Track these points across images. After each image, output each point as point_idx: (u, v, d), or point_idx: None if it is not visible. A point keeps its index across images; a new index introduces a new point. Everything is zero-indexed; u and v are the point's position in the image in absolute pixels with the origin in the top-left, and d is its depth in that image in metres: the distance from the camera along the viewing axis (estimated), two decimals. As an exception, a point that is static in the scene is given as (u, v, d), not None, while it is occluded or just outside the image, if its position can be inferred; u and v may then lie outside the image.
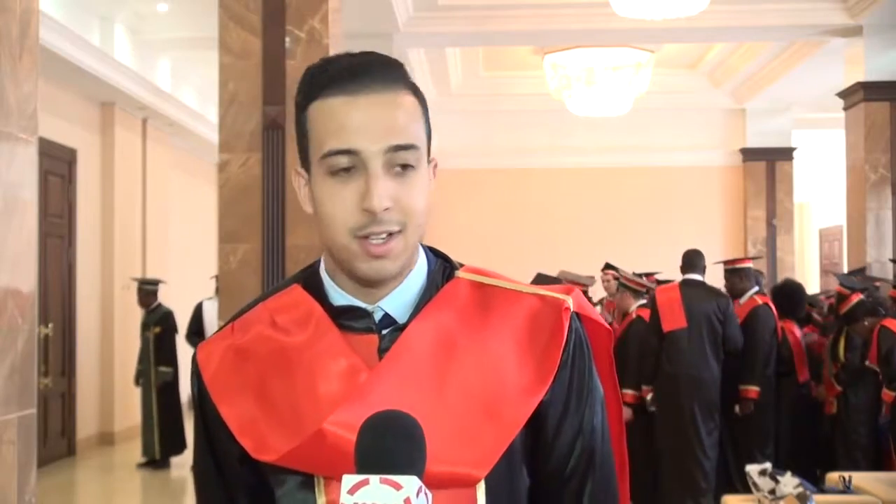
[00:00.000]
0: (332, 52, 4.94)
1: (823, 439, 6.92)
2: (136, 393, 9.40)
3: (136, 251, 10.70)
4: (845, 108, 8.91)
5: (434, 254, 1.31)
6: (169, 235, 11.64)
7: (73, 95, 9.43)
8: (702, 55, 11.69)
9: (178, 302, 10.15)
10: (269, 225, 4.82)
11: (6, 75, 2.68)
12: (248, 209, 4.84)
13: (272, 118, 4.83)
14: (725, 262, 7.24)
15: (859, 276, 7.27)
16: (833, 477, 4.91)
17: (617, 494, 1.31)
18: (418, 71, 10.64)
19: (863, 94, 8.46)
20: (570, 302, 1.25)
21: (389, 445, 1.04)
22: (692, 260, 6.67)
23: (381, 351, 1.21)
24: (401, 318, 1.23)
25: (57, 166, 9.19)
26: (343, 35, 5.28)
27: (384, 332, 1.23)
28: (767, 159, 12.79)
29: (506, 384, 1.20)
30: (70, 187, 9.49)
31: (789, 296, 7.18)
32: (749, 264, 7.27)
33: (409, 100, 1.21)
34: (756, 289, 7.13)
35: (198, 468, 1.35)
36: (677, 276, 6.93)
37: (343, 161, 1.17)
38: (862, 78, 8.52)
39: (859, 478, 4.84)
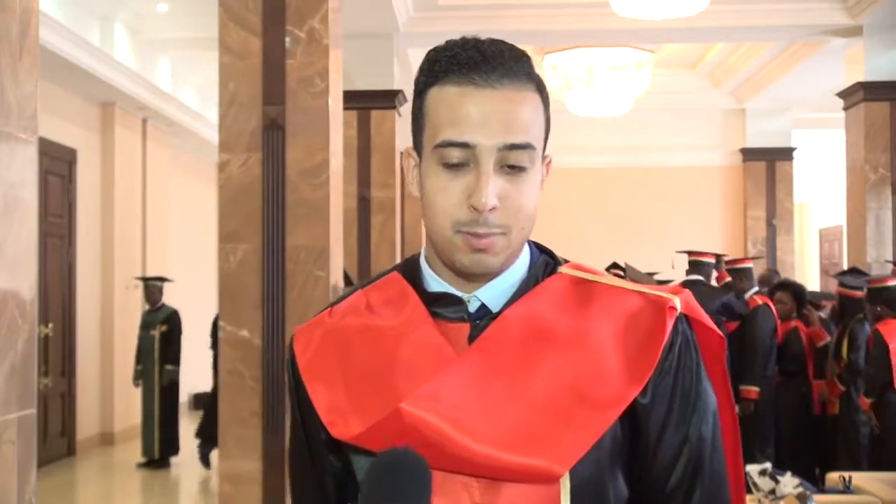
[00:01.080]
0: (332, 52, 4.94)
1: (824, 439, 6.92)
2: (137, 393, 9.40)
3: (136, 251, 10.70)
4: (845, 108, 8.90)
5: (539, 249, 1.28)
6: (169, 235, 11.64)
7: (73, 95, 9.43)
8: (702, 55, 11.69)
9: (179, 302, 10.15)
10: (269, 225, 4.82)
11: (6, 75, 2.68)
12: (248, 209, 4.84)
13: (272, 118, 4.83)
14: (726, 262, 7.25)
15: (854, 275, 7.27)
16: (833, 477, 4.91)
17: None
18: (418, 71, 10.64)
19: (863, 94, 8.46)
20: (676, 302, 1.20)
21: (399, 478, 1.04)
22: (697, 264, 6.70)
23: (472, 339, 1.19)
24: (495, 307, 1.21)
25: (57, 166, 9.19)
26: (343, 35, 5.28)
27: (477, 321, 1.20)
28: (767, 159, 12.79)
29: (596, 382, 1.15)
30: (70, 187, 9.50)
31: (801, 297, 7.24)
32: (750, 264, 7.30)
33: (531, 97, 1.17)
34: (755, 289, 7.16)
35: (292, 453, 1.33)
36: (677, 277, 6.94)
37: (456, 153, 1.14)
38: (862, 78, 8.52)
39: (859, 478, 4.84)
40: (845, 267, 8.86)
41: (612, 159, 12.85)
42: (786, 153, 12.83)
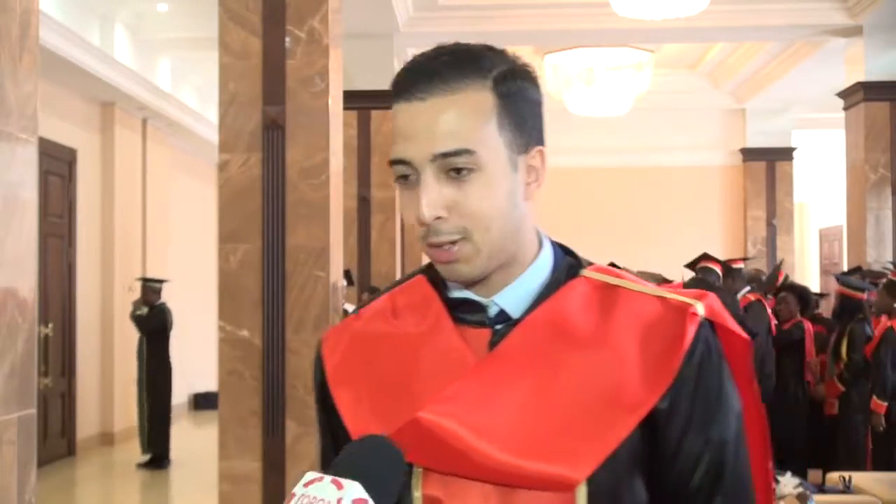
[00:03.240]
0: (332, 52, 4.94)
1: (823, 439, 6.93)
2: (136, 393, 9.41)
3: (136, 251, 10.70)
4: (845, 108, 8.91)
5: (564, 252, 1.26)
6: (169, 235, 11.64)
7: (73, 95, 9.43)
8: (702, 55, 11.69)
9: (179, 302, 10.16)
10: (269, 225, 4.82)
11: (6, 75, 2.68)
12: (248, 209, 4.84)
13: (272, 118, 4.83)
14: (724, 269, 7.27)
15: (858, 275, 7.27)
16: (833, 477, 4.91)
17: None
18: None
19: (863, 94, 8.47)
20: (698, 307, 1.18)
21: (366, 460, 1.05)
22: (704, 272, 6.74)
23: (493, 345, 1.19)
24: (515, 313, 1.20)
25: (57, 166, 9.19)
26: (343, 35, 5.28)
27: (497, 327, 1.20)
28: (767, 159, 12.79)
29: (616, 389, 1.14)
30: (70, 187, 9.49)
31: (806, 297, 7.30)
32: (741, 265, 7.35)
33: (472, 98, 1.15)
34: (748, 288, 7.22)
35: (322, 456, 1.34)
36: (677, 277, 6.95)
37: (401, 169, 1.16)
38: (862, 78, 8.52)
39: (859, 478, 4.84)
40: (845, 267, 8.87)
41: (612, 159, 12.85)
42: (786, 153, 12.84)
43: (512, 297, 1.21)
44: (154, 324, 8.98)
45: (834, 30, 8.74)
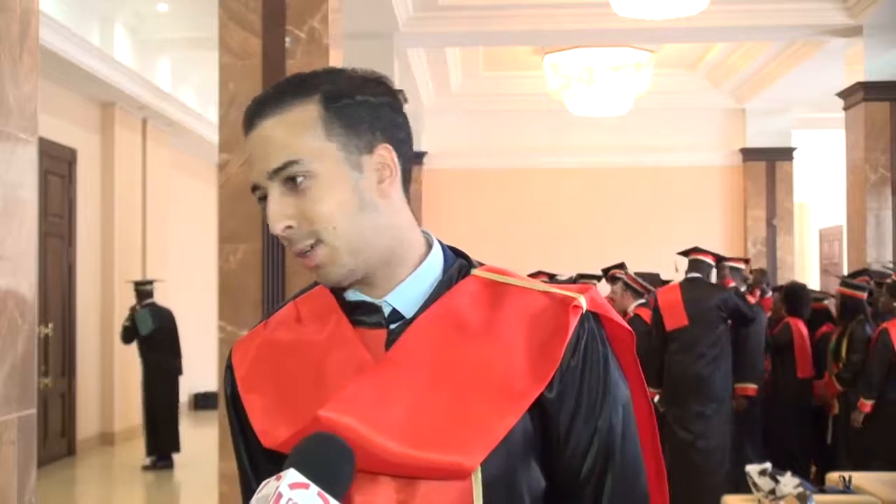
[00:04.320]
0: (332, 52, 4.94)
1: (824, 439, 6.93)
2: (137, 393, 9.40)
3: (136, 251, 10.70)
4: (845, 108, 8.91)
5: (455, 254, 1.32)
6: (169, 235, 11.64)
7: (73, 95, 9.43)
8: (702, 55, 11.69)
9: (179, 302, 10.16)
10: (268, 225, 4.82)
11: (6, 75, 2.68)
12: (248, 209, 4.84)
13: (272, 118, 4.83)
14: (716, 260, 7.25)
15: (864, 277, 7.26)
16: (833, 477, 4.91)
17: (645, 499, 1.28)
18: (418, 71, 10.65)
19: (863, 94, 8.47)
20: (581, 300, 1.25)
21: (322, 457, 1.09)
22: (696, 263, 6.70)
23: (389, 344, 1.24)
24: (408, 312, 1.26)
25: (57, 166, 9.19)
26: (343, 35, 5.28)
27: (392, 326, 1.26)
28: (767, 159, 12.79)
29: (505, 379, 1.20)
30: (70, 187, 9.50)
31: (793, 296, 7.25)
32: (741, 265, 7.34)
33: (297, 114, 1.22)
34: (744, 288, 7.23)
35: (237, 464, 1.38)
36: (679, 277, 6.94)
37: (258, 193, 1.25)
38: (862, 78, 8.52)
39: (859, 478, 4.84)
40: (845, 267, 8.87)
41: (612, 159, 12.84)
42: (786, 153, 12.84)
43: (404, 297, 1.26)
44: (130, 334, 8.95)
45: (834, 30, 8.74)
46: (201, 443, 9.43)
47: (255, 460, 1.32)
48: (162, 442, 8.92)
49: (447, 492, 1.19)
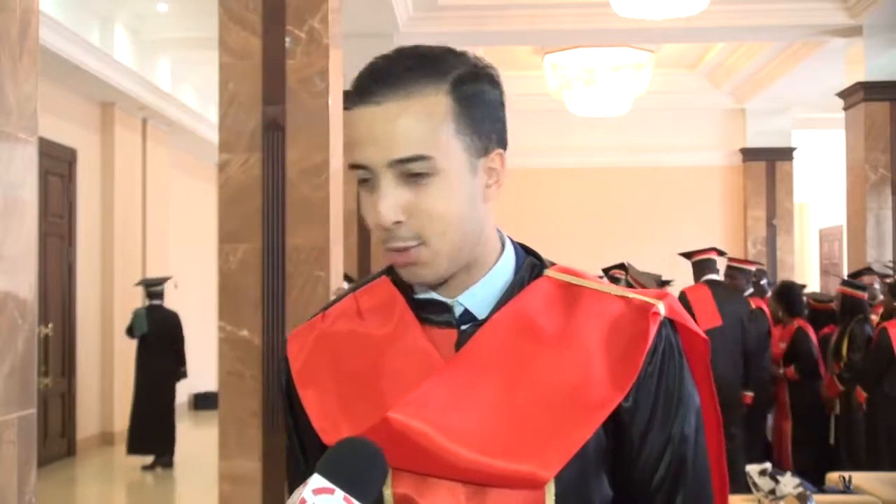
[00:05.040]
0: (332, 52, 4.94)
1: (826, 439, 6.92)
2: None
3: (136, 251, 10.71)
4: (845, 108, 8.91)
5: (526, 251, 1.28)
6: (169, 235, 11.64)
7: (73, 95, 9.43)
8: (702, 55, 11.69)
9: (179, 302, 10.15)
10: (269, 225, 4.82)
11: (6, 75, 2.68)
12: (248, 209, 4.84)
13: (272, 118, 4.83)
14: (728, 259, 7.25)
15: (868, 276, 7.26)
16: (833, 477, 4.91)
17: None
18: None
19: (863, 94, 8.47)
20: (660, 307, 1.21)
21: (352, 463, 1.06)
22: (705, 264, 6.72)
23: (459, 346, 1.20)
24: (480, 313, 1.22)
25: (57, 166, 9.19)
26: (343, 35, 5.28)
27: (463, 327, 1.22)
28: (767, 159, 12.79)
29: (582, 387, 1.17)
30: (70, 187, 9.50)
31: (787, 295, 7.22)
32: (752, 267, 7.31)
33: (428, 102, 1.15)
34: (750, 290, 7.19)
35: (287, 457, 1.34)
36: (679, 277, 6.95)
37: (361, 173, 1.17)
38: (862, 78, 8.52)
39: (859, 478, 4.84)
40: (845, 267, 8.87)
41: (612, 159, 12.85)
42: (786, 153, 12.84)
43: (476, 298, 1.22)
44: (129, 333, 8.96)
45: (834, 30, 8.74)
46: (201, 443, 9.43)
47: (309, 454, 1.27)
48: (152, 443, 8.85)
49: (517, 500, 1.15)
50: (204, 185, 12.96)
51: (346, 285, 6.03)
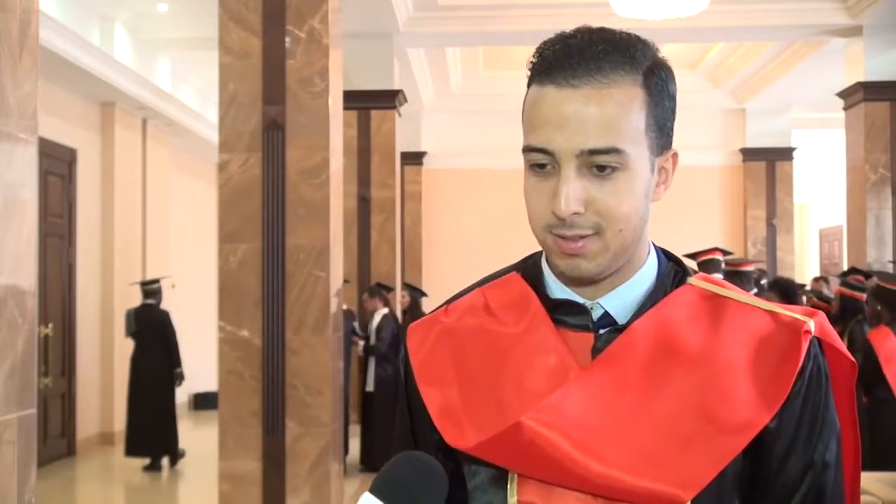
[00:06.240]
0: (332, 52, 4.94)
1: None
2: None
3: (136, 251, 10.71)
4: (845, 108, 8.91)
5: (668, 257, 1.23)
6: (169, 235, 11.64)
7: (73, 95, 9.43)
8: (702, 55, 11.70)
9: (179, 301, 10.16)
10: (269, 225, 4.82)
11: (6, 75, 2.68)
12: (248, 209, 4.84)
13: (272, 118, 4.83)
14: (727, 263, 7.25)
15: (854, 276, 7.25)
16: (833, 477, 4.91)
17: None
18: (418, 71, 10.65)
19: (863, 94, 8.47)
20: (811, 325, 1.14)
21: (414, 483, 1.03)
22: (711, 264, 6.72)
23: (596, 351, 1.15)
24: (621, 318, 1.16)
25: (57, 166, 9.19)
26: (343, 35, 5.28)
27: (601, 331, 1.16)
28: (767, 159, 12.80)
29: (727, 404, 1.10)
30: (70, 187, 9.49)
31: (789, 290, 7.23)
32: (714, 256, 7.26)
33: (623, 92, 1.08)
34: (755, 290, 7.18)
35: (397, 445, 1.29)
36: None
37: (539, 158, 1.10)
38: (862, 78, 8.52)
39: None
40: (845, 267, 8.86)
41: (612, 159, 12.84)
42: (786, 153, 12.84)
43: (619, 301, 1.16)
44: (129, 332, 8.95)
45: (834, 30, 8.74)
46: (201, 443, 9.44)
47: (422, 449, 1.21)
48: (150, 445, 8.84)
49: None
50: (204, 185, 12.96)
51: (343, 284, 6.03)
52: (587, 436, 1.09)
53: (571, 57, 1.08)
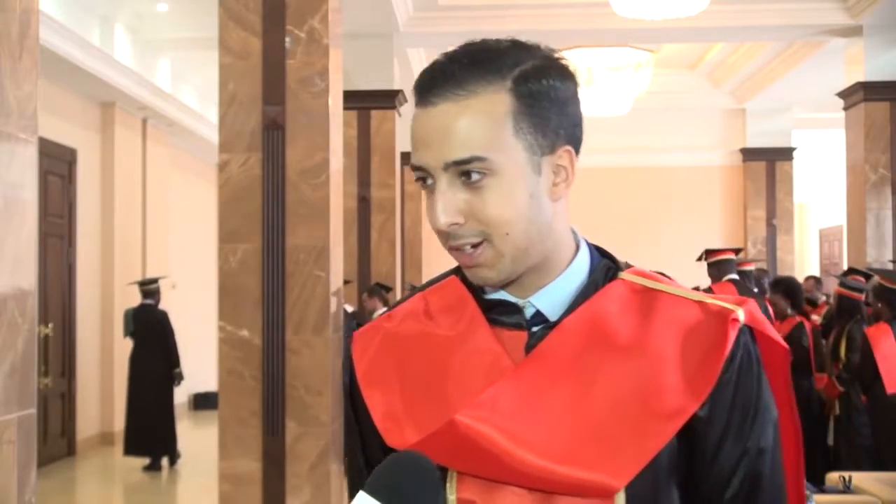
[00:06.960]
0: (332, 52, 4.94)
1: (826, 440, 6.92)
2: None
3: (136, 251, 10.71)
4: (845, 108, 8.91)
5: (601, 253, 1.26)
6: (169, 235, 11.64)
7: (73, 95, 9.43)
8: (702, 55, 11.69)
9: (179, 301, 10.16)
10: (269, 225, 4.82)
11: (6, 75, 2.68)
12: (248, 209, 4.84)
13: (272, 118, 4.83)
14: (707, 253, 7.22)
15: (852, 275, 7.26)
16: (833, 477, 4.91)
17: None
18: (418, 71, 10.63)
19: (863, 94, 8.46)
20: (739, 313, 1.16)
21: (407, 481, 1.04)
22: (726, 263, 6.76)
23: (530, 348, 1.17)
24: (552, 315, 1.18)
25: (57, 166, 9.19)
26: (343, 35, 5.28)
27: (534, 329, 1.19)
28: (767, 159, 12.80)
29: (657, 394, 1.13)
30: (70, 187, 9.50)
31: (794, 290, 7.25)
32: (730, 256, 7.23)
33: (486, 101, 1.11)
34: (757, 290, 7.19)
35: (349, 456, 1.34)
36: (679, 277, 6.95)
37: (420, 174, 1.15)
38: (862, 78, 8.52)
39: (859, 478, 4.84)
40: (845, 267, 8.86)
41: (612, 159, 12.84)
42: (786, 153, 12.84)
43: (549, 299, 1.19)
44: (127, 332, 8.95)
45: (834, 30, 8.74)
46: (201, 443, 9.44)
47: (371, 456, 1.25)
48: (149, 445, 8.83)
49: None
50: (204, 185, 12.96)
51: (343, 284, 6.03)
52: (521, 429, 1.11)
53: (434, 77, 1.13)
